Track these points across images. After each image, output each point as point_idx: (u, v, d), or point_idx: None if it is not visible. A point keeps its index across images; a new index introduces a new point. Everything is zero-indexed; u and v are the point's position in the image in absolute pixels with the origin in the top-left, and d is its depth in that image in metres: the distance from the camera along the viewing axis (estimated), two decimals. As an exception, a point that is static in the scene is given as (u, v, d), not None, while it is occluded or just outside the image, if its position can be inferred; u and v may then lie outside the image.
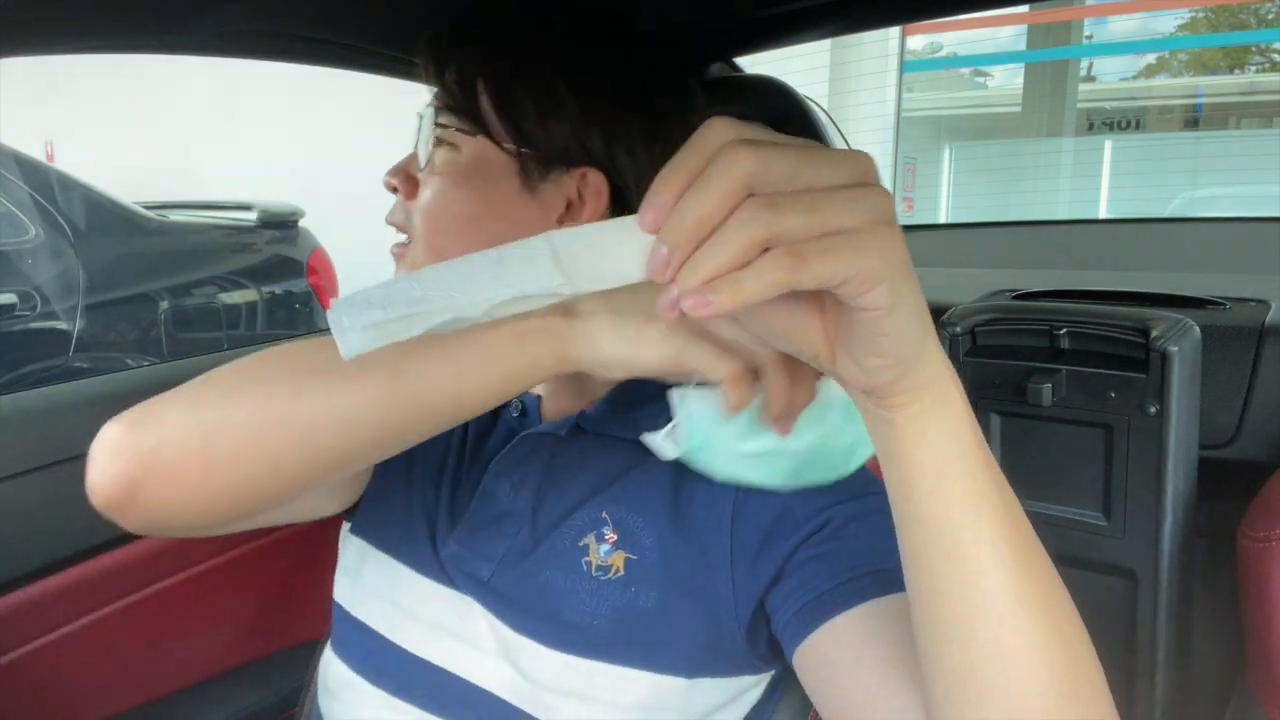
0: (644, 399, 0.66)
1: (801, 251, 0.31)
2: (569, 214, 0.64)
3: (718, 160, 0.32)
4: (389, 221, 0.66)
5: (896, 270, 0.33)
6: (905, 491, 0.40)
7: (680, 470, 0.62)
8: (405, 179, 0.64)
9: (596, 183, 0.65)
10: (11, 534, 0.85)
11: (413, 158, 0.65)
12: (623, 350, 0.48)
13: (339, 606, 0.68)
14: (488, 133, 0.63)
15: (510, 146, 0.63)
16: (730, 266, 0.32)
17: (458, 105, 0.62)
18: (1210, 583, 0.98)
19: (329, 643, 0.70)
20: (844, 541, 0.55)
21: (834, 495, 0.57)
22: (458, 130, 0.63)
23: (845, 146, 1.20)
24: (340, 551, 0.70)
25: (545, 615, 0.59)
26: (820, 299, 0.37)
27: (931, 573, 0.40)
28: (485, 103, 0.62)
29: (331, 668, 0.67)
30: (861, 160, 0.34)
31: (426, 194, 0.63)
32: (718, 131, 0.33)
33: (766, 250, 0.32)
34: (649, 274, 0.33)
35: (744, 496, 0.59)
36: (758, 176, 0.32)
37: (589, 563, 0.60)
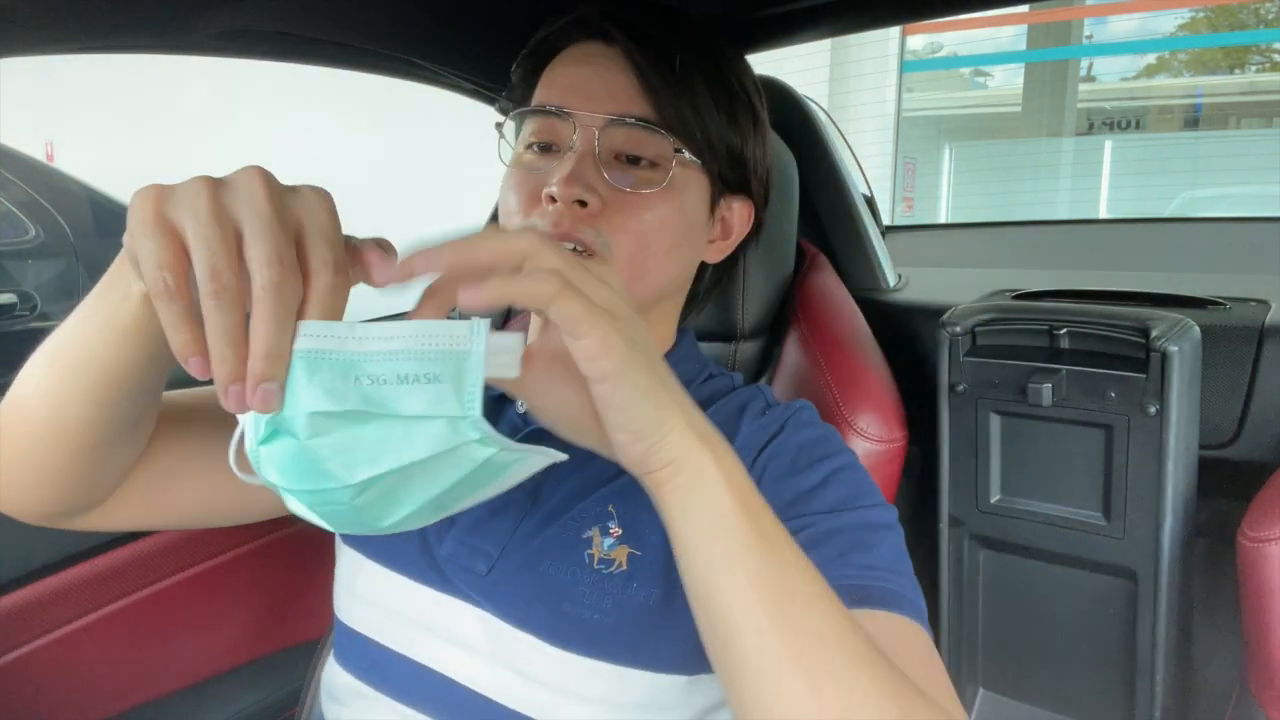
0: None
1: (569, 281, 0.40)
2: (719, 236, 0.70)
3: (511, 234, 0.42)
4: (565, 235, 0.58)
5: (622, 347, 0.40)
6: (676, 553, 0.44)
7: None
8: (594, 194, 0.60)
9: (743, 210, 0.71)
10: (11, 534, 0.85)
11: (592, 171, 0.61)
12: None
13: (338, 619, 0.68)
14: (709, 159, 0.65)
15: (715, 172, 0.66)
16: (494, 260, 0.40)
17: (687, 130, 0.62)
18: (1210, 583, 0.98)
19: (330, 653, 0.70)
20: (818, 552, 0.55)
21: (814, 503, 0.58)
22: (677, 150, 0.62)
23: (846, 146, 1.20)
24: (336, 561, 0.70)
25: (545, 606, 0.59)
26: (589, 392, 0.42)
27: (701, 626, 0.44)
28: (713, 130, 0.64)
29: (336, 678, 0.67)
30: (618, 287, 0.43)
31: (646, 216, 0.61)
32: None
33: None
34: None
35: None
36: (529, 257, 0.40)
37: (591, 555, 0.60)
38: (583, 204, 0.60)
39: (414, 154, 5.97)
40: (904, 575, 0.56)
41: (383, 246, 0.42)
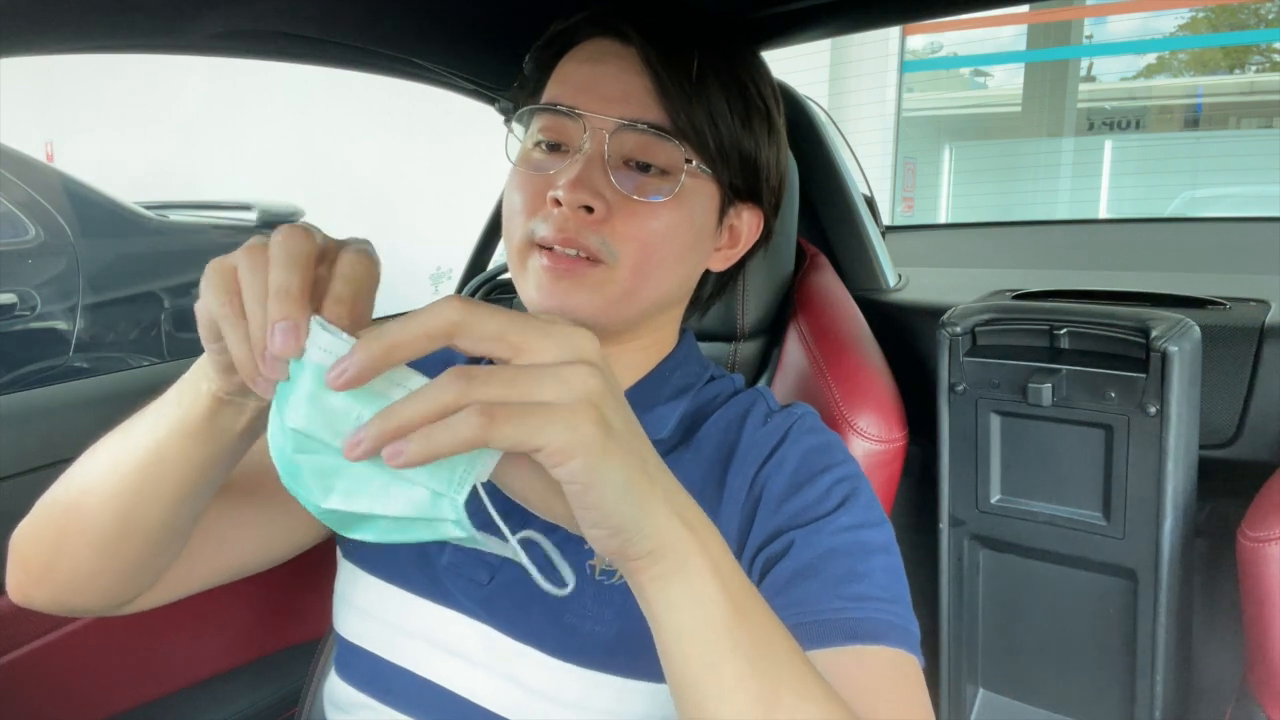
0: (657, 400, 0.67)
1: (493, 413, 0.34)
2: (726, 245, 0.69)
3: (429, 306, 0.36)
4: (568, 241, 0.59)
5: (592, 447, 0.35)
6: (656, 640, 0.42)
7: (693, 475, 0.62)
8: (600, 200, 0.59)
9: (753, 219, 0.70)
10: (11, 535, 0.85)
11: (600, 175, 0.60)
12: None
13: (337, 633, 0.68)
14: (721, 168, 0.63)
15: (725, 181, 0.64)
16: (421, 419, 0.34)
17: (700, 138, 0.61)
18: (1210, 583, 0.98)
19: (332, 664, 0.69)
20: (802, 583, 0.55)
21: (812, 524, 0.57)
22: (687, 160, 0.61)
23: (845, 146, 1.20)
24: (337, 575, 0.70)
25: (546, 618, 0.59)
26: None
27: (681, 711, 0.42)
28: (726, 138, 0.63)
29: (339, 689, 0.67)
30: (578, 338, 0.37)
31: (653, 224, 0.61)
32: (446, 298, 0.36)
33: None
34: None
35: (753, 507, 0.60)
36: (460, 326, 0.35)
37: (593, 566, 0.59)
38: (589, 209, 0.59)
39: (419, 152, 5.96)
40: (897, 601, 0.55)
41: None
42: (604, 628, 0.57)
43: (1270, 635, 0.73)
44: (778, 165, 0.70)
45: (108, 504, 0.52)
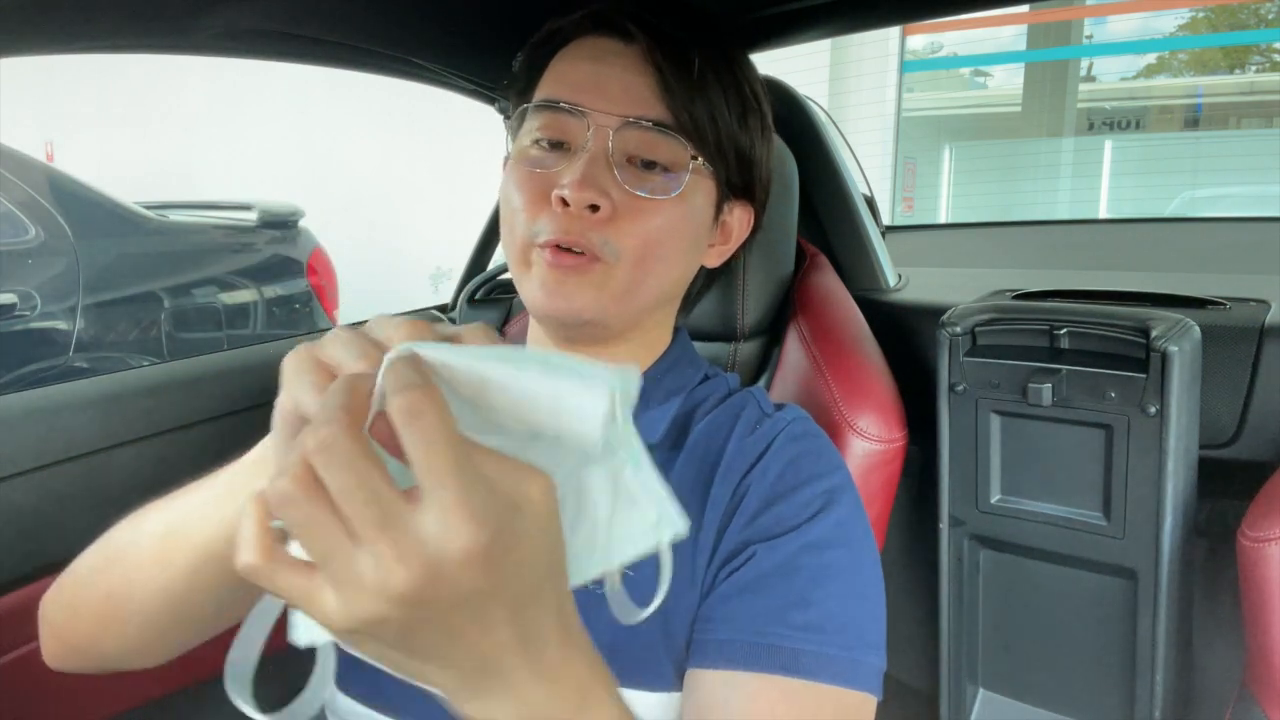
0: (650, 403, 0.67)
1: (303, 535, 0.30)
2: (719, 241, 0.70)
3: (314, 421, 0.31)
4: (574, 242, 0.59)
5: (356, 633, 0.33)
6: None
7: (683, 479, 0.62)
8: (606, 199, 0.59)
9: (744, 215, 0.70)
10: (11, 534, 0.85)
11: (605, 173, 0.60)
12: None
13: (335, 645, 0.68)
14: (720, 164, 0.64)
15: (723, 177, 0.65)
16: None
17: (701, 135, 0.62)
18: (1210, 583, 0.98)
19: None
20: (751, 598, 0.55)
21: (778, 537, 0.57)
22: (693, 157, 0.62)
23: (846, 146, 1.20)
24: None
25: None
26: None
27: None
28: (725, 134, 0.63)
29: (338, 700, 0.67)
30: (392, 573, 0.30)
31: (656, 221, 0.61)
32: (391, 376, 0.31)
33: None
34: None
35: (730, 516, 0.60)
36: (314, 455, 0.29)
37: None
38: (594, 208, 0.59)
39: (419, 152, 5.96)
40: (846, 633, 0.54)
41: None
42: (596, 637, 0.57)
43: (1270, 635, 0.73)
44: (768, 161, 0.71)
45: (157, 596, 0.50)
